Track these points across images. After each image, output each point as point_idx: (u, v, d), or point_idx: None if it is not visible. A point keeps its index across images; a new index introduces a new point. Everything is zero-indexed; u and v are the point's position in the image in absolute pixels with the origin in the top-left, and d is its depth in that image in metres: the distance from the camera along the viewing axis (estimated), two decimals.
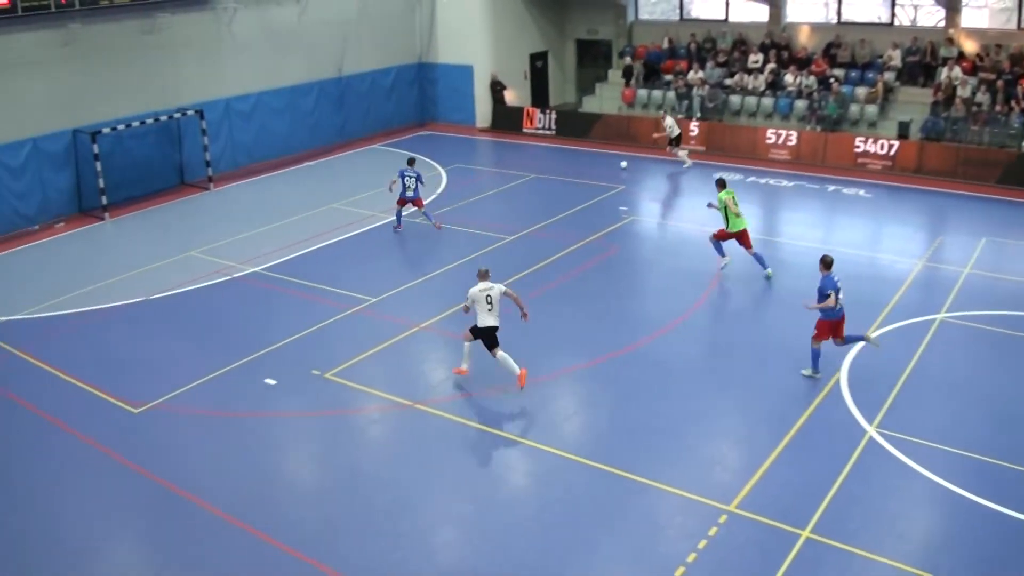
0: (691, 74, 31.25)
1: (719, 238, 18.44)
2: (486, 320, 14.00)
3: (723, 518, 11.00)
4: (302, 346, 16.08)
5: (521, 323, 14.24)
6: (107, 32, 24.63)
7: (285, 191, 26.52)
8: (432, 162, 28.96)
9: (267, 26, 28.91)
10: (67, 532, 11.32)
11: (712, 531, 10.74)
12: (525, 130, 32.76)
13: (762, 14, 32.10)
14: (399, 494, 11.73)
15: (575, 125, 32.10)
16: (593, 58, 36.44)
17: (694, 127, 29.33)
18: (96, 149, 23.78)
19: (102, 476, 12.52)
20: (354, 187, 26.24)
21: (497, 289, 14.02)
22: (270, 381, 14.83)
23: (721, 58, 31.57)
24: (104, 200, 24.17)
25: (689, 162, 27.44)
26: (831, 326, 14.05)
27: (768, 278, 18.35)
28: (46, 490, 12.22)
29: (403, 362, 15.66)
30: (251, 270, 19.89)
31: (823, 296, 13.81)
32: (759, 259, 18.42)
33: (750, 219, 19.17)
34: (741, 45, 31.77)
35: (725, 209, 18.10)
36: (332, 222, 23.14)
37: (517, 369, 13.94)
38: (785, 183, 25.69)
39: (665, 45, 33.28)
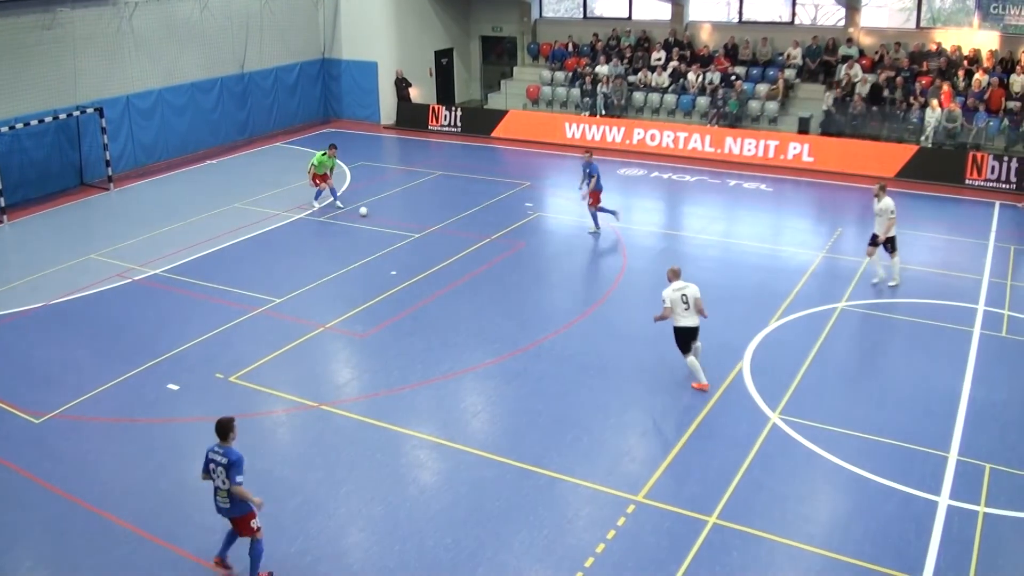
0: (599, 68, 31.52)
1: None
2: (684, 320, 13.68)
3: (631, 508, 11.12)
4: (205, 349, 15.72)
5: (412, 325, 14.05)
6: (2, 26, 23.69)
7: (187, 191, 25.85)
8: (336, 159, 28.55)
9: (168, 21, 28.13)
10: None
11: (621, 521, 10.85)
12: (431, 127, 32.61)
13: (665, 12, 32.60)
14: (308, 497, 11.57)
15: (480, 122, 32.09)
16: (498, 55, 36.52)
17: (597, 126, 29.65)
18: None
19: (2, 488, 12.07)
20: (257, 186, 25.74)
21: (693, 289, 13.66)
22: (173, 386, 14.46)
23: (625, 55, 31.94)
24: (1, 202, 23.22)
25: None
26: (596, 195, 20.94)
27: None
28: None
29: (309, 363, 15.42)
30: (152, 272, 19.33)
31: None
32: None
33: (655, 214, 19.28)
34: (644, 43, 32.21)
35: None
36: (235, 222, 22.64)
37: (703, 380, 13.79)
38: (688, 178, 26.11)
39: (569, 43, 33.55)
